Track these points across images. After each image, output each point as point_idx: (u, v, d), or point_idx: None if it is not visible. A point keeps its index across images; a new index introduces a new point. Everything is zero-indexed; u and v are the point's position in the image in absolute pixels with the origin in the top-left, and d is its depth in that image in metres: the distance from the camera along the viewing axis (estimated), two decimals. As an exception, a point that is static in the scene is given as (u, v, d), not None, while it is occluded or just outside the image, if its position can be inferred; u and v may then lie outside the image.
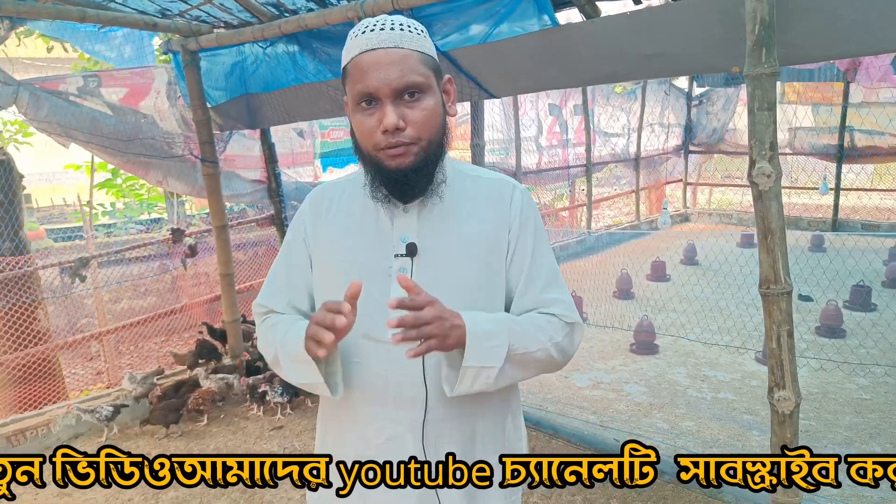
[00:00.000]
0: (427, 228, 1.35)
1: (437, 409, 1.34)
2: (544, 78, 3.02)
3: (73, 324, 5.66)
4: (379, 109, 1.24)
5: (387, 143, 1.25)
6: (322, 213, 1.44)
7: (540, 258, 1.41)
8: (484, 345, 1.26)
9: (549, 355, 1.35)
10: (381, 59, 1.23)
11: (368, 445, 1.38)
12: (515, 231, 1.39)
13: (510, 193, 1.41)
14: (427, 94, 1.27)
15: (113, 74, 4.83)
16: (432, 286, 1.28)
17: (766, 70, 1.91)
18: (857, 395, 4.53)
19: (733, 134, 11.90)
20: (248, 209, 7.53)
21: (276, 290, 1.49)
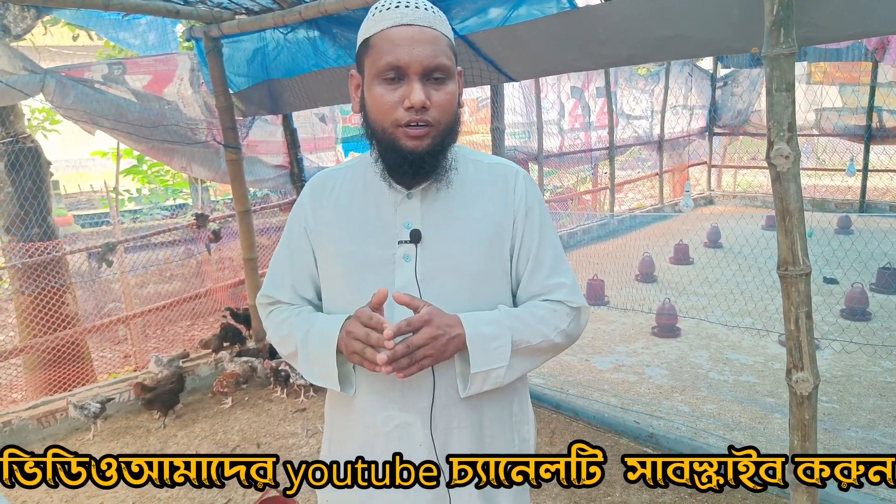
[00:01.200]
0: (431, 215, 1.34)
1: (445, 396, 1.34)
2: (563, 61, 3.01)
3: (101, 308, 5.78)
4: (405, 85, 1.22)
5: (409, 120, 1.22)
6: (322, 201, 1.41)
7: (545, 244, 1.40)
8: (487, 347, 1.27)
9: (554, 343, 1.37)
10: (416, 35, 1.21)
11: (377, 434, 1.37)
12: (521, 218, 1.38)
13: (514, 179, 1.39)
14: (451, 79, 1.26)
15: (137, 62, 4.90)
16: (436, 273, 1.31)
17: (785, 51, 1.89)
18: (882, 379, 4.48)
19: (759, 115, 11.73)
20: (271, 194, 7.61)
21: (279, 279, 1.47)
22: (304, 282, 1.46)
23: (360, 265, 1.34)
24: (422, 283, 1.31)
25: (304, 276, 1.45)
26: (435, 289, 1.31)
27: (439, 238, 1.33)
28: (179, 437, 4.04)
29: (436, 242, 1.32)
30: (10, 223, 4.84)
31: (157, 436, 4.06)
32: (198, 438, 4.01)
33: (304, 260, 1.44)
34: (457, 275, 1.33)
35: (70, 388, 4.63)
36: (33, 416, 4.03)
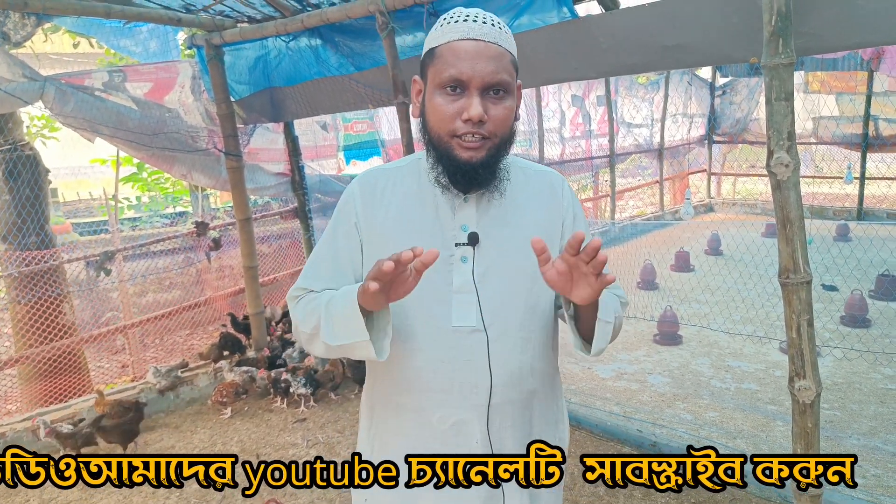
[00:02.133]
0: (486, 218, 1.38)
1: (501, 394, 1.37)
2: (565, 70, 3.01)
3: (99, 317, 5.76)
4: (464, 98, 1.25)
5: (465, 132, 1.25)
6: (375, 199, 1.42)
7: None
8: (604, 301, 1.30)
9: (621, 324, 1.43)
10: (480, 50, 1.24)
11: (434, 433, 1.38)
12: (569, 222, 1.44)
13: (560, 186, 1.47)
14: (510, 94, 1.29)
15: (138, 69, 4.91)
16: (492, 274, 1.35)
17: (784, 60, 1.89)
18: (882, 385, 4.48)
19: (758, 124, 11.78)
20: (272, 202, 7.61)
21: (319, 275, 1.44)
22: (347, 280, 1.42)
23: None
24: (479, 284, 1.34)
25: (348, 273, 1.43)
26: (491, 289, 1.35)
27: (495, 241, 1.37)
28: (177, 448, 4.02)
29: (492, 245, 1.36)
30: (8, 231, 4.82)
31: (154, 448, 4.04)
32: (196, 449, 3.99)
33: (349, 255, 1.43)
34: (512, 276, 1.37)
35: (66, 400, 4.59)
36: (28, 427, 3.98)
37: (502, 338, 1.35)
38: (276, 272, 6.62)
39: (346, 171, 7.49)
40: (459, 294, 1.34)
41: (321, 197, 6.46)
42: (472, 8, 1.31)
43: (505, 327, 1.36)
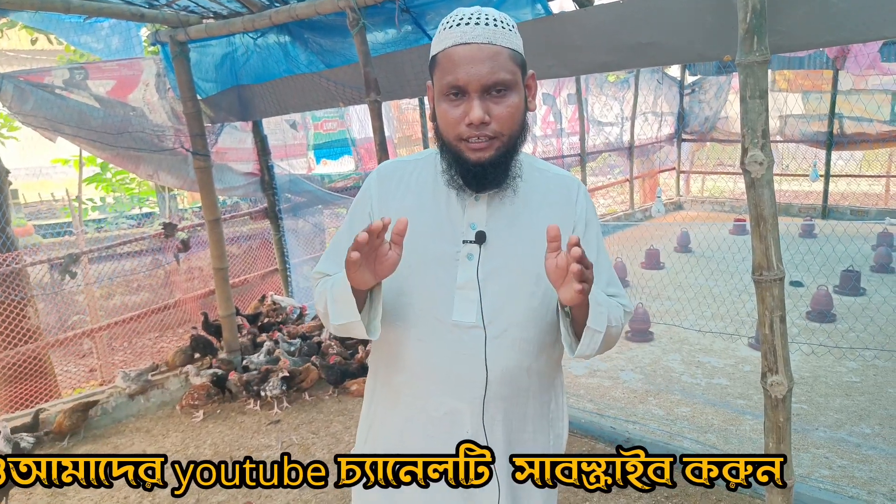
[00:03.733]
0: (496, 218, 1.39)
1: (495, 390, 1.40)
2: (538, 67, 3.00)
3: (64, 321, 5.62)
4: (466, 102, 1.27)
5: (470, 135, 1.28)
6: (391, 191, 1.46)
7: (602, 256, 1.49)
8: (597, 310, 1.31)
9: (619, 334, 1.44)
10: (474, 54, 1.25)
11: (428, 419, 1.43)
12: (581, 228, 1.44)
13: (576, 192, 1.47)
14: (513, 91, 1.28)
15: (100, 66, 4.78)
16: (498, 273, 1.37)
17: (758, 58, 1.91)
18: (847, 379, 4.57)
19: (725, 122, 11.95)
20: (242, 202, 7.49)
21: (337, 258, 1.50)
22: None
23: (425, 259, 1.39)
24: (482, 282, 1.37)
25: None
26: (495, 288, 1.37)
27: (502, 241, 1.39)
28: (149, 452, 3.94)
29: (499, 245, 1.38)
30: (-32, 234, 4.68)
31: (125, 452, 3.95)
32: (168, 453, 3.91)
33: None
34: (516, 276, 1.39)
35: (32, 405, 4.47)
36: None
37: (501, 336, 1.37)
38: (247, 273, 6.52)
39: (316, 171, 7.41)
40: (462, 290, 1.37)
41: (291, 197, 6.39)
42: (471, 7, 1.31)
43: (504, 326, 1.38)
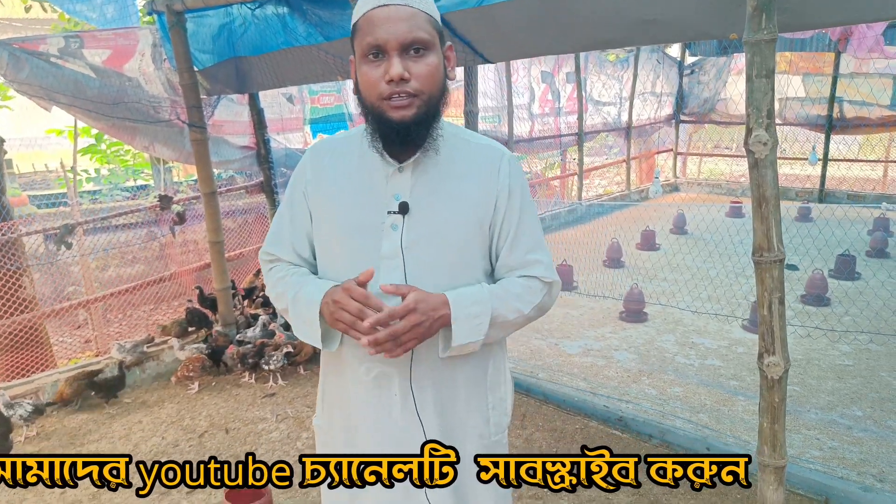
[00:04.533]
0: (419, 188, 1.43)
1: (424, 353, 1.45)
2: (540, 43, 2.97)
3: (60, 292, 5.61)
4: (385, 61, 1.31)
5: (391, 93, 1.31)
6: (321, 169, 1.51)
7: (525, 223, 1.50)
8: (471, 324, 1.40)
9: (527, 317, 1.51)
10: (391, 14, 1.30)
11: (359, 383, 1.50)
12: (504, 197, 1.47)
13: (499, 161, 1.48)
14: (431, 51, 1.33)
15: (95, 35, 4.72)
16: (420, 243, 1.42)
17: (766, 36, 1.88)
18: (840, 362, 4.60)
19: (725, 104, 11.88)
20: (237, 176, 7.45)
21: (280, 238, 1.58)
22: (303, 242, 1.56)
23: (351, 231, 1.45)
24: (406, 252, 1.41)
25: (302, 236, 1.55)
26: (418, 258, 1.42)
27: (425, 211, 1.42)
28: (145, 423, 3.95)
29: (422, 214, 1.42)
30: (-39, 203, 4.65)
31: (121, 422, 3.96)
32: (164, 424, 3.92)
33: (302, 222, 1.54)
34: (439, 245, 1.43)
35: (28, 375, 4.48)
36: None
37: None
38: (243, 247, 6.50)
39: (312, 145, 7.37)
40: (387, 260, 1.41)
41: (287, 171, 6.35)
42: None
43: None
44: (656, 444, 3.49)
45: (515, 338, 5.30)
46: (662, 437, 3.50)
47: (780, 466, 2.23)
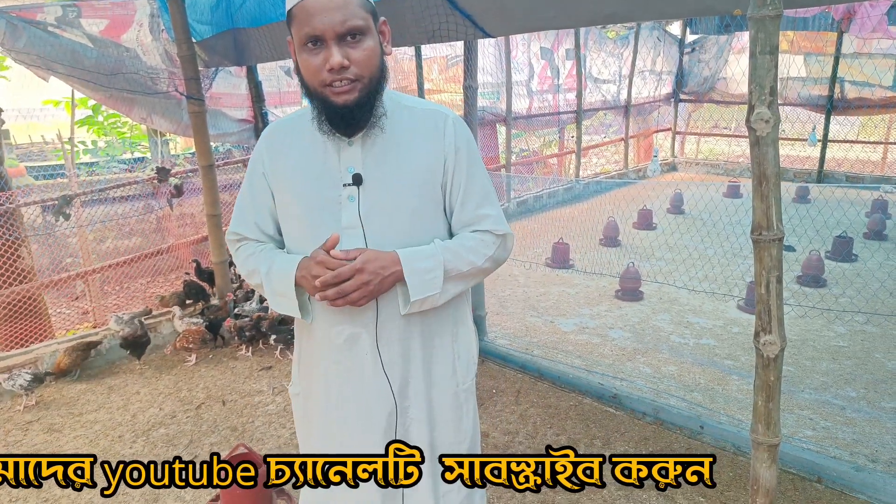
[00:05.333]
0: (370, 159, 1.51)
1: (387, 312, 1.55)
2: (542, 18, 2.94)
3: (58, 263, 5.60)
4: (325, 50, 1.37)
5: (332, 80, 1.38)
6: (276, 149, 1.58)
7: (473, 180, 1.58)
8: (424, 279, 1.49)
9: (482, 268, 1.60)
10: (325, 4, 1.34)
11: (331, 346, 1.58)
12: (451, 159, 1.54)
13: (443, 123, 1.55)
14: (367, 36, 1.39)
15: (93, 4, 4.66)
16: (377, 211, 1.50)
17: (771, 12, 1.87)
18: (835, 343, 4.64)
19: (725, 83, 11.82)
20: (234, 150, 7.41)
21: (244, 218, 1.65)
22: (266, 220, 1.64)
23: (311, 206, 1.52)
24: (364, 221, 1.49)
25: (265, 214, 1.64)
26: (376, 225, 1.50)
27: (379, 180, 1.50)
28: (143, 394, 3.98)
29: (376, 184, 1.50)
30: (-41, 172, 4.62)
31: (119, 392, 3.99)
32: (161, 395, 3.95)
33: (263, 201, 1.62)
34: (395, 212, 1.51)
35: (27, 345, 4.50)
36: (-12, 371, 3.90)
37: None
38: (240, 221, 6.48)
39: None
40: (348, 230, 1.49)
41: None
42: None
43: None
44: (650, 421, 3.52)
45: (511, 314, 5.33)
46: (656, 414, 3.54)
47: (773, 444, 2.25)
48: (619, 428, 3.47)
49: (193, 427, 3.57)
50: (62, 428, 3.57)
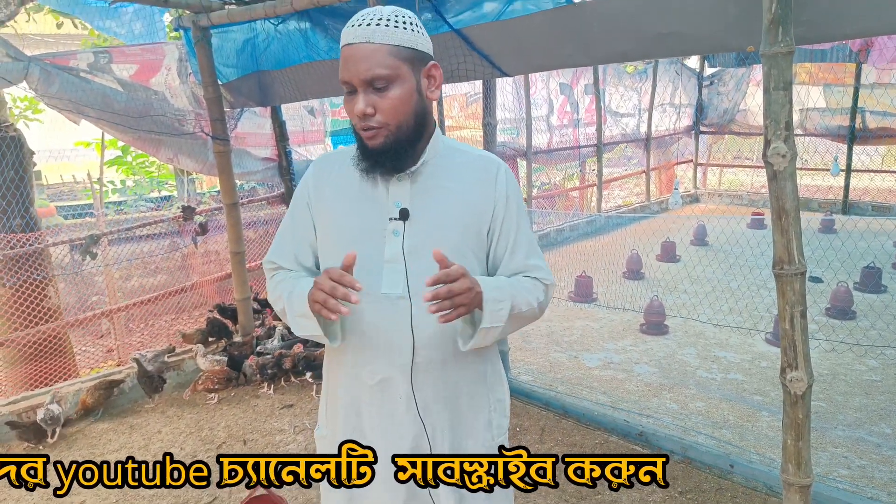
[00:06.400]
0: (419, 196, 1.51)
1: (423, 355, 1.51)
2: (558, 56, 2.98)
3: (84, 301, 5.69)
4: (356, 96, 1.40)
5: (361, 126, 1.42)
6: (324, 180, 1.59)
7: (522, 230, 1.59)
8: (495, 308, 1.45)
9: (534, 312, 1.57)
10: (353, 54, 1.38)
11: (363, 387, 1.55)
12: (501, 206, 1.55)
13: (496, 171, 1.57)
14: (394, 84, 1.40)
15: (124, 51, 4.81)
16: (421, 247, 1.48)
17: (783, 49, 1.88)
18: (867, 377, 4.52)
19: (745, 114, 11.80)
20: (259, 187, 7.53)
21: (283, 247, 1.65)
22: (305, 251, 1.63)
23: (355, 237, 1.51)
24: (408, 256, 1.48)
25: (305, 245, 1.63)
26: (418, 261, 1.48)
27: (426, 217, 1.50)
28: (164, 433, 3.99)
29: (422, 220, 1.49)
30: (-8, 214, 4.75)
31: (141, 431, 4.01)
32: (182, 434, 3.96)
33: (305, 231, 1.62)
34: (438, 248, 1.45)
35: (52, 383, 4.55)
36: (13, 411, 3.94)
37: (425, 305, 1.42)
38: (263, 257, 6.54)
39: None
40: (390, 264, 1.48)
41: (309, 183, 6.40)
42: (370, 9, 1.42)
43: None
44: (678, 460, 3.45)
45: (534, 350, 5.29)
46: (684, 453, 3.47)
47: (805, 485, 2.19)
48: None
49: (214, 467, 3.56)
50: (86, 466, 3.59)
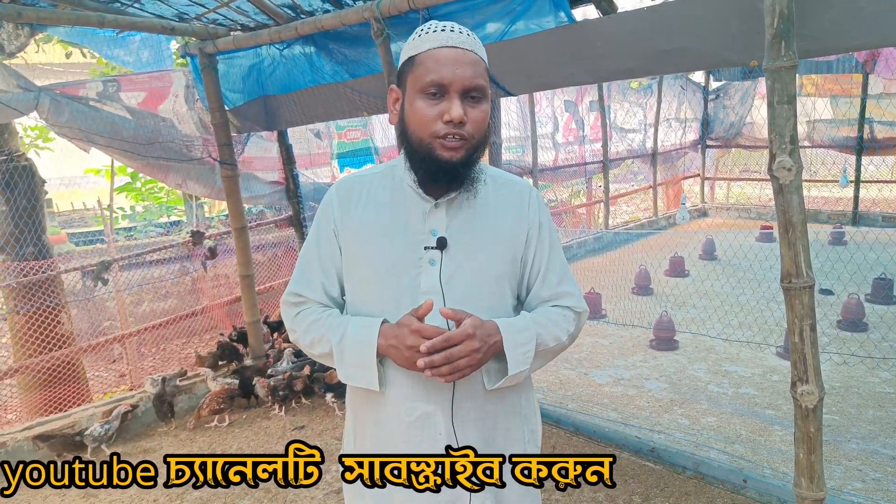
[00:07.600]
0: (455, 224, 1.45)
1: (464, 390, 1.45)
2: (561, 75, 3.01)
3: (96, 327, 5.73)
4: (445, 101, 1.34)
5: (447, 132, 1.34)
6: (351, 205, 1.50)
7: (555, 255, 1.55)
8: (519, 352, 1.41)
9: (563, 344, 1.52)
10: (460, 57, 1.34)
11: (400, 423, 1.46)
12: (535, 231, 1.52)
13: (528, 196, 1.54)
14: (485, 99, 1.38)
15: (132, 79, 4.89)
16: (458, 277, 1.43)
17: (786, 63, 1.89)
18: (880, 389, 4.48)
19: (751, 128, 11.81)
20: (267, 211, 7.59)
21: (310, 278, 1.55)
22: (333, 281, 1.54)
23: (389, 268, 1.44)
24: (445, 286, 1.42)
25: (332, 275, 1.54)
26: (457, 291, 1.43)
27: (462, 246, 1.45)
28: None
29: (459, 249, 1.44)
30: (5, 242, 4.80)
31: (153, 455, 4.01)
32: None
33: (332, 260, 1.53)
34: (477, 279, 1.45)
35: (65, 409, 4.57)
36: (28, 436, 3.96)
37: None
38: (272, 280, 6.59)
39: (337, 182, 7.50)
40: (427, 295, 1.41)
41: (315, 205, 6.45)
42: (446, 21, 1.41)
43: None
44: (690, 475, 3.42)
45: (544, 368, 5.26)
46: (697, 468, 3.44)
47: (818, 499, 2.18)
48: (658, 483, 3.37)
49: (226, 490, 3.56)
50: (97, 493, 3.59)
